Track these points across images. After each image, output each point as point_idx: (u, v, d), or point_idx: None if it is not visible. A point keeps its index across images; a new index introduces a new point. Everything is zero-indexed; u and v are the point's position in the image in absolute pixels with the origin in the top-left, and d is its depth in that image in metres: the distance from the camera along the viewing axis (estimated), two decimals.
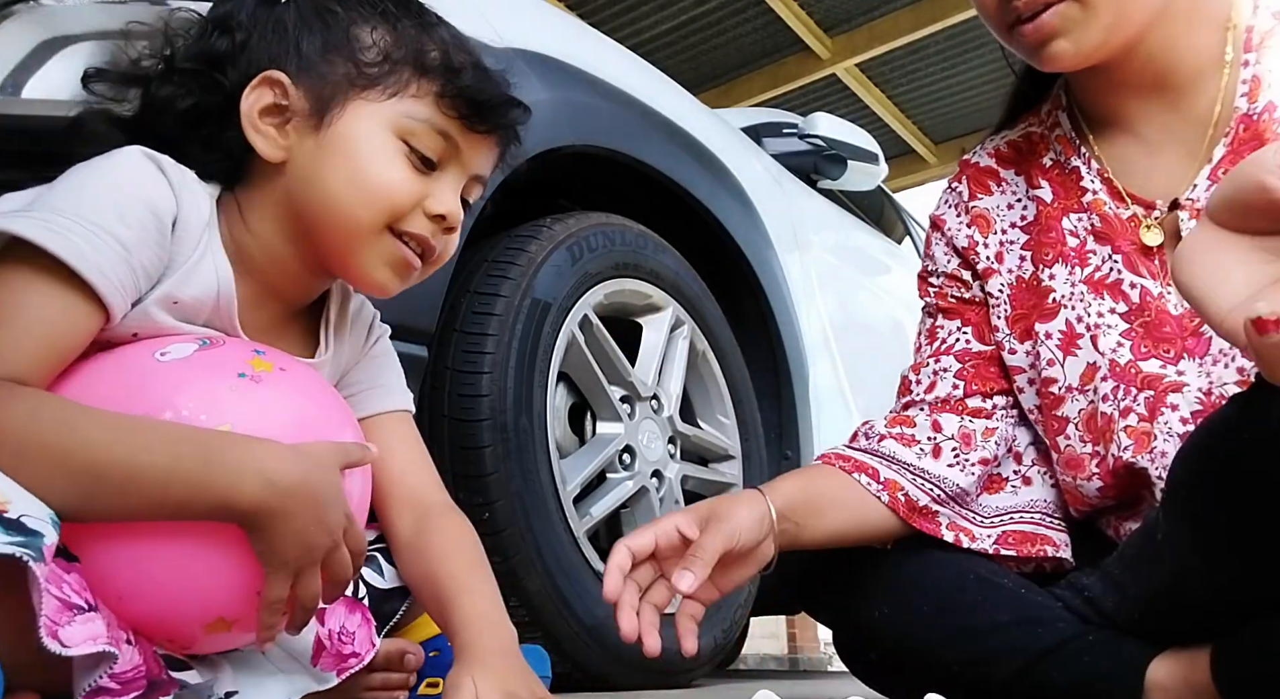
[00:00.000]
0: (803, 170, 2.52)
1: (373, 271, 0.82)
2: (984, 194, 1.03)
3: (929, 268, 1.07)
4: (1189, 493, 0.75)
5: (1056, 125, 0.99)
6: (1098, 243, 0.94)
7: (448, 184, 0.83)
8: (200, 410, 0.68)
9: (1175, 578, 0.79)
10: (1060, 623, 0.88)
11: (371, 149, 0.79)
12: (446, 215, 0.82)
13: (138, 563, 0.67)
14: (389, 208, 0.79)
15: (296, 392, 0.77)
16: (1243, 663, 0.75)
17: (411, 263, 0.82)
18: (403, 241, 0.81)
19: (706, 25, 5.57)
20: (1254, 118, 0.87)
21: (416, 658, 0.91)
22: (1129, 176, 0.94)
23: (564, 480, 1.40)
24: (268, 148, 0.80)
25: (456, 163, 0.83)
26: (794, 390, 1.99)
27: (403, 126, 0.80)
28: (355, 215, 0.79)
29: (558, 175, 1.60)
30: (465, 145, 0.83)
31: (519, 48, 1.46)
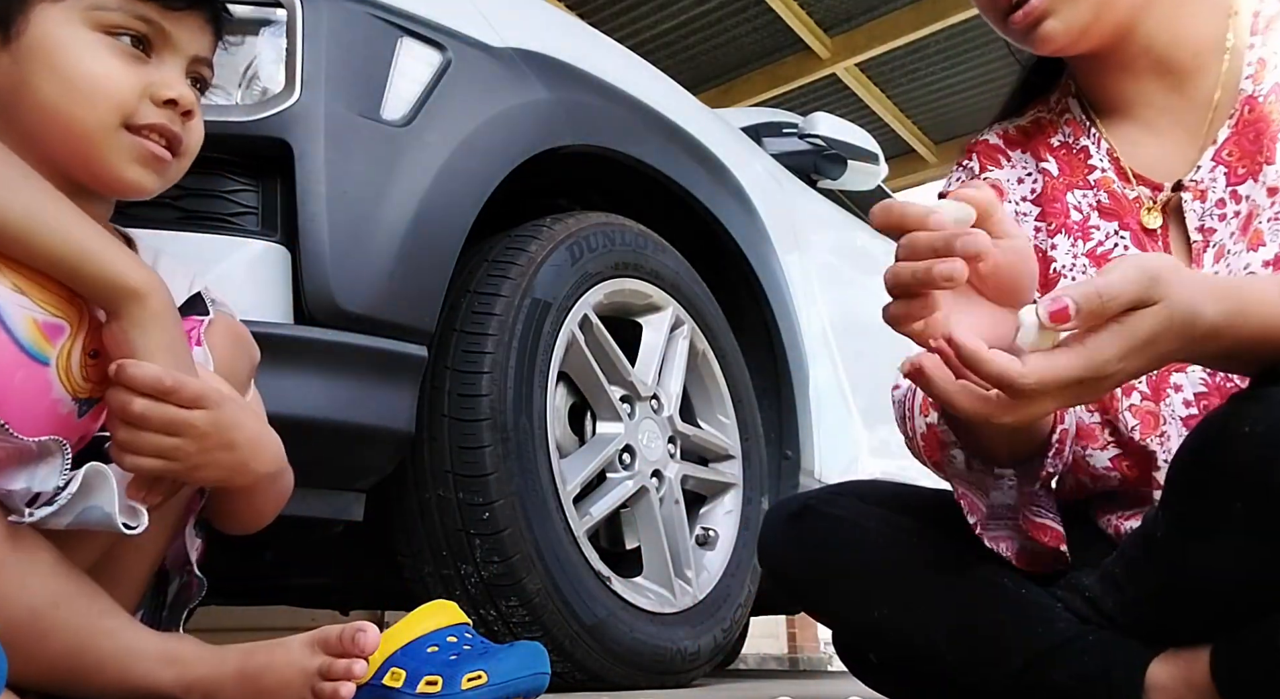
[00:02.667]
0: (803, 170, 2.52)
1: (122, 173, 0.79)
2: (995, 167, 1.03)
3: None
4: (1189, 492, 0.75)
5: (1066, 111, 1.01)
6: (1103, 218, 0.95)
7: (168, 69, 0.80)
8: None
9: (1175, 578, 0.79)
10: (1060, 623, 0.88)
11: (74, 49, 0.77)
12: (178, 99, 0.80)
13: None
14: (112, 103, 0.77)
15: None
16: (1243, 663, 0.75)
17: (160, 155, 0.80)
18: (143, 136, 0.79)
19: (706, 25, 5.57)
20: (1259, 99, 0.88)
21: (368, 637, 0.80)
22: (1136, 159, 0.95)
23: (564, 480, 1.40)
24: None
25: (169, 46, 0.81)
26: (794, 390, 1.99)
27: (97, 19, 0.77)
28: (80, 120, 0.77)
29: (558, 175, 1.60)
30: (171, 26, 0.81)
31: (519, 48, 1.46)
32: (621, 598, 1.44)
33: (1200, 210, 0.89)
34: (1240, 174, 0.88)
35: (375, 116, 1.22)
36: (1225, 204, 0.88)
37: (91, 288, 0.72)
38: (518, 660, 0.96)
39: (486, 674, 0.93)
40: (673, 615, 1.53)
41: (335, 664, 0.79)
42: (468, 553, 1.30)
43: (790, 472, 1.97)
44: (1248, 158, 0.87)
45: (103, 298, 0.72)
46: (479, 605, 1.32)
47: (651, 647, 1.45)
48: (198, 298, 0.89)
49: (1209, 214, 0.89)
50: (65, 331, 0.73)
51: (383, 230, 1.20)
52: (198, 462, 0.74)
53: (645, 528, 1.57)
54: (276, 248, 1.13)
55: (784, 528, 1.02)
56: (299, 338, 1.12)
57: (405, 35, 1.28)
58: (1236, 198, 0.87)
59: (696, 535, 1.73)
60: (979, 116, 6.34)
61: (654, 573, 1.56)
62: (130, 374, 0.69)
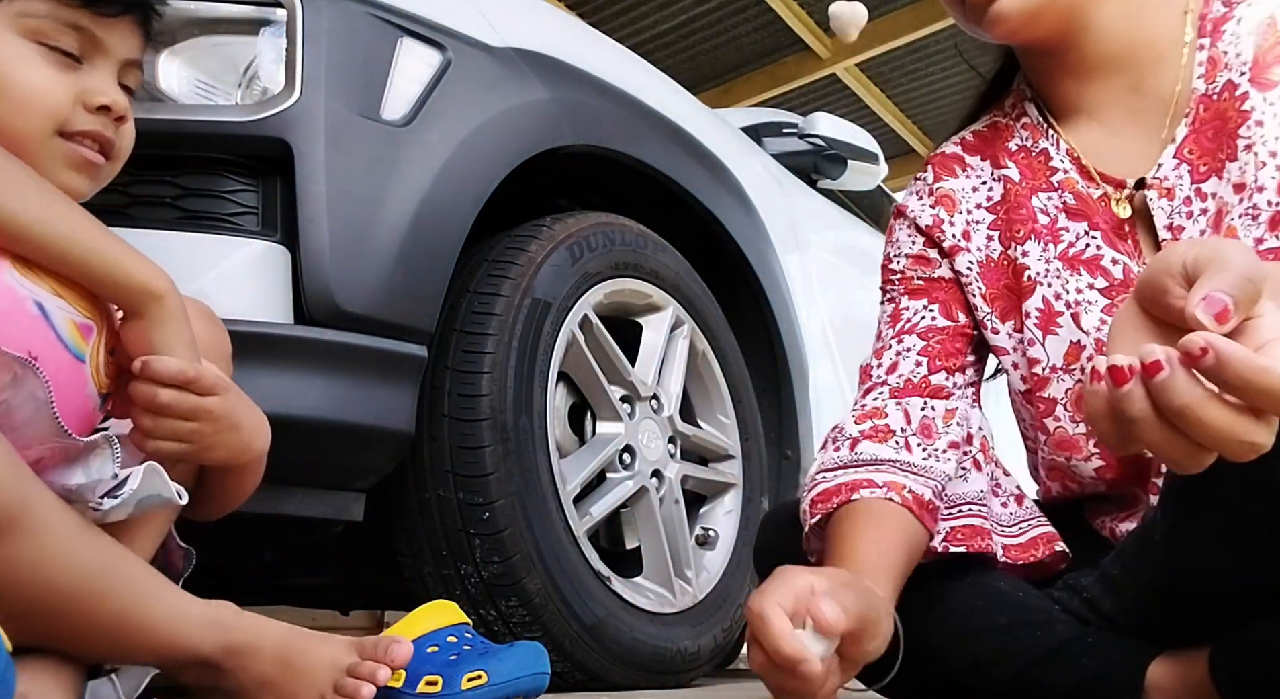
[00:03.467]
0: (803, 170, 2.52)
1: (57, 178, 0.80)
2: (949, 177, 1.03)
3: (890, 254, 1.06)
4: (1187, 493, 0.75)
5: (1023, 114, 1.00)
6: (1071, 219, 0.94)
7: (100, 75, 0.81)
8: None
9: (1174, 579, 0.79)
10: (1059, 625, 0.88)
11: (5, 58, 0.77)
12: (111, 106, 0.80)
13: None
14: (44, 112, 0.78)
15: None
16: (1242, 663, 0.75)
17: (94, 161, 0.81)
18: (76, 142, 0.79)
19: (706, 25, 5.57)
20: (1213, 98, 0.88)
21: (402, 649, 0.85)
22: (1097, 158, 0.94)
23: (564, 480, 1.40)
24: None
25: (100, 52, 0.81)
26: (794, 390, 1.99)
27: (28, 27, 0.77)
28: (14, 128, 0.77)
29: (558, 175, 1.60)
30: (102, 32, 0.80)
31: (519, 48, 1.46)
32: (621, 598, 1.44)
33: (1169, 208, 0.89)
34: (1203, 171, 0.88)
35: (375, 116, 1.22)
36: (1192, 202, 0.88)
37: (115, 291, 0.74)
38: (518, 660, 0.96)
39: (486, 674, 0.93)
40: (673, 615, 1.53)
41: (362, 665, 0.84)
42: (468, 553, 1.30)
43: (790, 472, 1.97)
44: (1208, 155, 0.88)
45: (125, 300, 0.75)
46: (479, 605, 1.32)
47: (651, 647, 1.45)
48: None
49: (1177, 212, 0.89)
50: (94, 331, 0.75)
51: (383, 230, 1.20)
52: (210, 442, 0.79)
53: (645, 528, 1.57)
54: (276, 248, 1.13)
55: (779, 534, 1.02)
56: (299, 338, 1.12)
57: (405, 35, 1.28)
58: (1202, 195, 0.88)
59: (696, 535, 1.73)
60: None
61: (654, 573, 1.56)
62: (157, 369, 0.74)
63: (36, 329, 0.71)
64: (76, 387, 0.75)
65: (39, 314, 0.71)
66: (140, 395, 0.75)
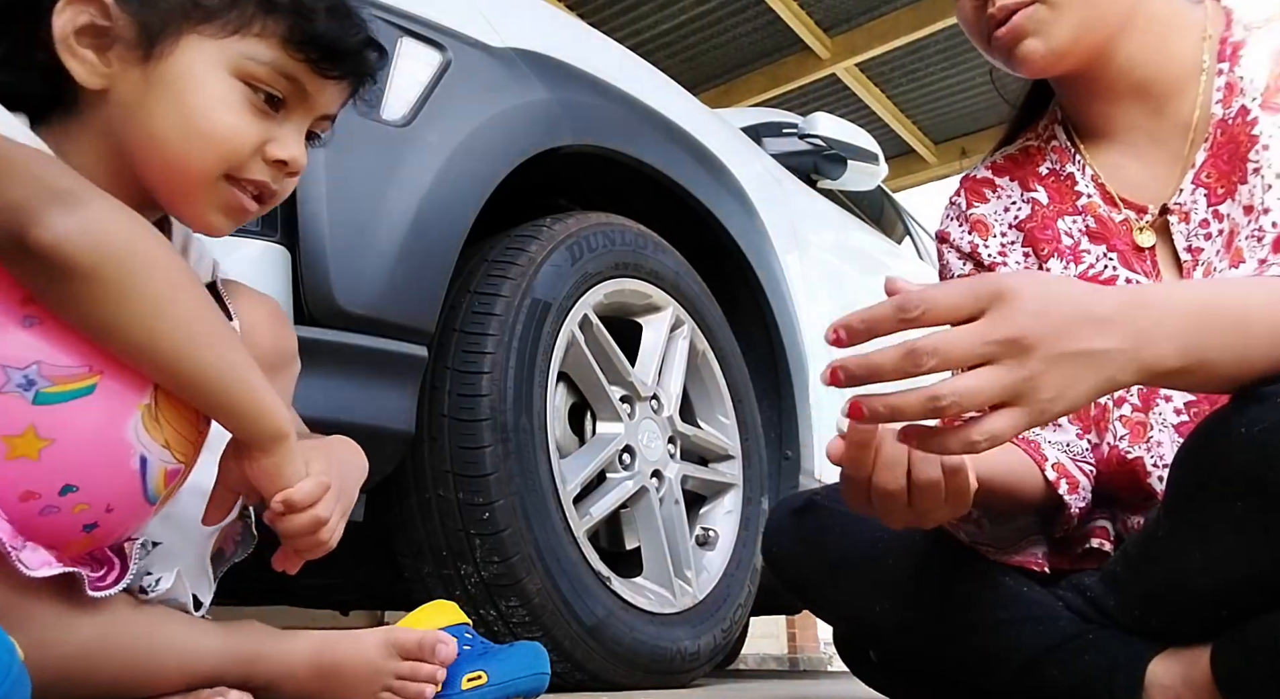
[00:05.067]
0: (803, 170, 2.52)
1: (205, 217, 0.78)
2: (980, 202, 1.06)
3: (948, 276, 1.09)
4: (1190, 491, 0.75)
5: (1053, 137, 1.03)
6: (1092, 242, 0.96)
7: (292, 128, 0.78)
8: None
9: (1176, 576, 0.79)
10: (1061, 621, 0.88)
11: (207, 93, 0.73)
12: (289, 161, 0.78)
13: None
14: (224, 156, 0.75)
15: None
16: (1244, 662, 0.75)
17: (247, 208, 0.78)
18: (239, 187, 0.77)
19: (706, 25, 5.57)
20: (1229, 122, 0.90)
21: (448, 649, 0.91)
22: (1121, 183, 0.97)
23: (564, 480, 1.40)
24: (85, 74, 0.73)
25: (303, 105, 0.78)
26: (794, 390, 1.99)
27: (243, 69, 0.74)
28: (187, 163, 0.75)
29: (558, 175, 1.60)
30: (314, 88, 0.78)
31: (519, 48, 1.46)
32: (621, 598, 1.44)
33: (1186, 231, 0.91)
34: (1219, 194, 0.90)
35: (375, 117, 1.22)
36: (1209, 224, 0.90)
37: (246, 432, 0.73)
38: (518, 660, 0.97)
39: (487, 674, 0.93)
40: (673, 615, 1.53)
41: (421, 668, 0.88)
42: (468, 553, 1.30)
43: (790, 472, 1.97)
44: (1224, 178, 0.90)
45: (253, 439, 0.74)
46: (479, 605, 1.32)
47: (651, 647, 1.45)
48: (214, 294, 0.87)
49: (1195, 234, 0.91)
50: (180, 474, 0.75)
51: (383, 230, 1.20)
52: (336, 524, 0.80)
53: (645, 528, 1.57)
54: (276, 248, 1.13)
55: (788, 523, 1.02)
56: (299, 338, 1.12)
57: (405, 35, 1.28)
58: (1219, 217, 0.90)
59: (696, 535, 1.73)
60: (979, 116, 6.35)
61: (654, 573, 1.56)
62: (295, 501, 0.75)
63: (127, 483, 0.70)
64: (136, 521, 0.75)
65: (138, 469, 0.70)
66: (289, 527, 0.76)
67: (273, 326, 0.87)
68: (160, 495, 0.74)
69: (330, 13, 0.76)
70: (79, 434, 0.68)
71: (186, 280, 0.70)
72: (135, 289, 0.66)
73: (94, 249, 0.64)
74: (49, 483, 0.67)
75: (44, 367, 0.66)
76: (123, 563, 0.75)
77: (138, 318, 0.66)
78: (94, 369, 0.68)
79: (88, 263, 0.63)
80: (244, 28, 0.74)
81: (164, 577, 0.79)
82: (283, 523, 0.76)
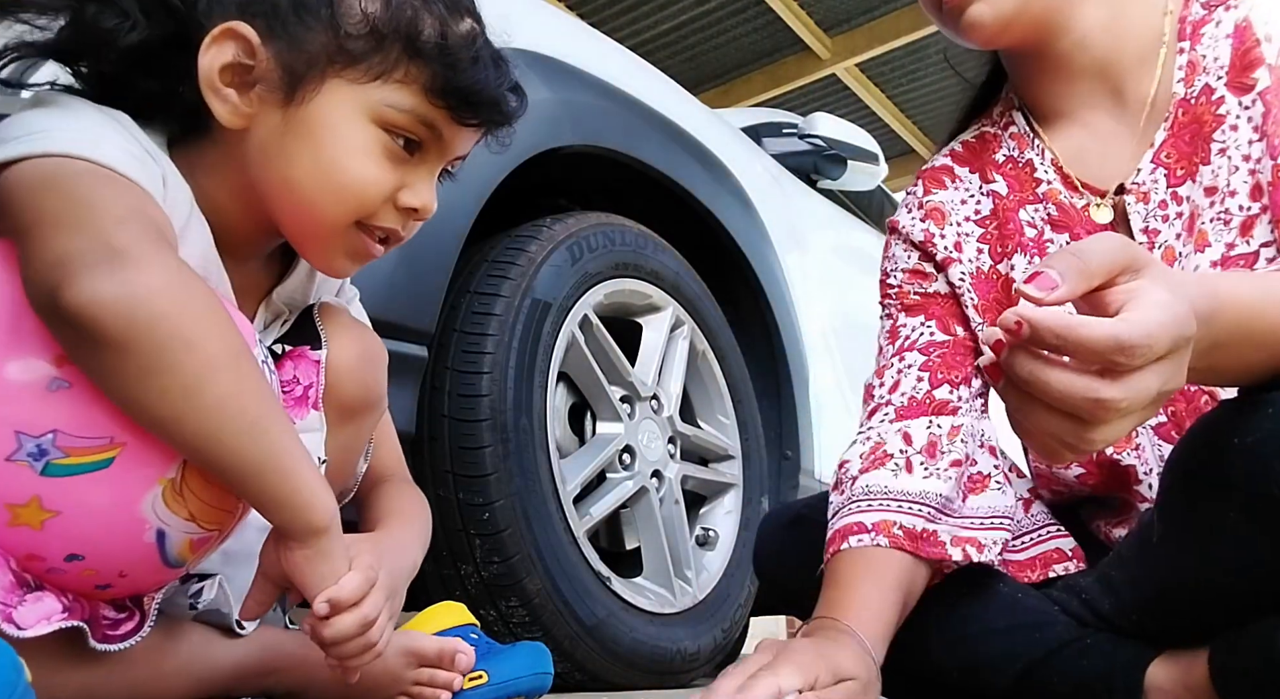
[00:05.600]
0: (803, 170, 2.52)
1: (333, 261, 0.77)
2: (938, 189, 1.03)
3: (887, 269, 1.06)
4: (1183, 497, 0.75)
5: (1011, 123, 1.00)
6: (1055, 232, 0.94)
7: (425, 174, 0.76)
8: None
9: (1172, 580, 0.79)
10: (1057, 626, 0.88)
11: (347, 140, 0.72)
12: (420, 209, 0.76)
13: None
14: (360, 206, 0.74)
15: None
16: (1241, 664, 0.75)
17: (373, 252, 0.77)
18: (368, 233, 0.76)
19: (706, 25, 5.57)
20: (1190, 102, 0.88)
21: (468, 658, 0.91)
22: (1082, 165, 0.94)
23: (564, 480, 1.40)
24: (227, 114, 0.72)
25: (438, 151, 0.76)
26: (794, 390, 1.99)
27: (383, 116, 0.73)
28: (322, 210, 0.73)
29: (558, 175, 1.60)
30: (450, 135, 0.76)
31: (519, 48, 1.46)
32: (621, 598, 1.44)
33: (1144, 212, 0.89)
34: (1179, 175, 0.87)
35: None
36: (1167, 205, 0.88)
37: (288, 526, 0.68)
38: (520, 660, 0.97)
39: (488, 674, 0.94)
40: (673, 616, 1.54)
41: (439, 675, 0.89)
42: (468, 553, 1.30)
43: (790, 472, 1.97)
44: (1185, 159, 0.87)
45: (290, 530, 0.68)
46: (479, 605, 1.32)
47: (651, 647, 1.45)
48: (308, 319, 0.84)
49: (1152, 216, 0.88)
50: (210, 542, 0.71)
51: None
52: (385, 625, 0.73)
53: (645, 528, 1.57)
54: None
55: (779, 535, 1.02)
56: None
57: None
58: (1178, 199, 0.87)
59: (696, 535, 1.73)
60: None
61: (654, 573, 1.56)
62: (339, 600, 0.69)
63: (141, 554, 0.66)
64: (157, 582, 0.72)
65: (153, 541, 0.66)
66: (333, 635, 0.70)
67: (361, 369, 0.83)
68: (186, 561, 0.70)
69: (474, 62, 0.75)
70: (87, 509, 0.64)
71: (229, 358, 0.63)
72: (164, 365, 0.60)
73: (126, 317, 0.59)
74: (52, 551, 0.64)
75: (60, 436, 0.62)
76: (141, 614, 0.71)
77: (165, 396, 0.61)
78: (115, 442, 0.63)
79: (115, 332, 0.59)
80: (387, 74, 0.72)
81: (206, 586, 0.76)
82: (327, 630, 0.69)
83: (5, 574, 0.62)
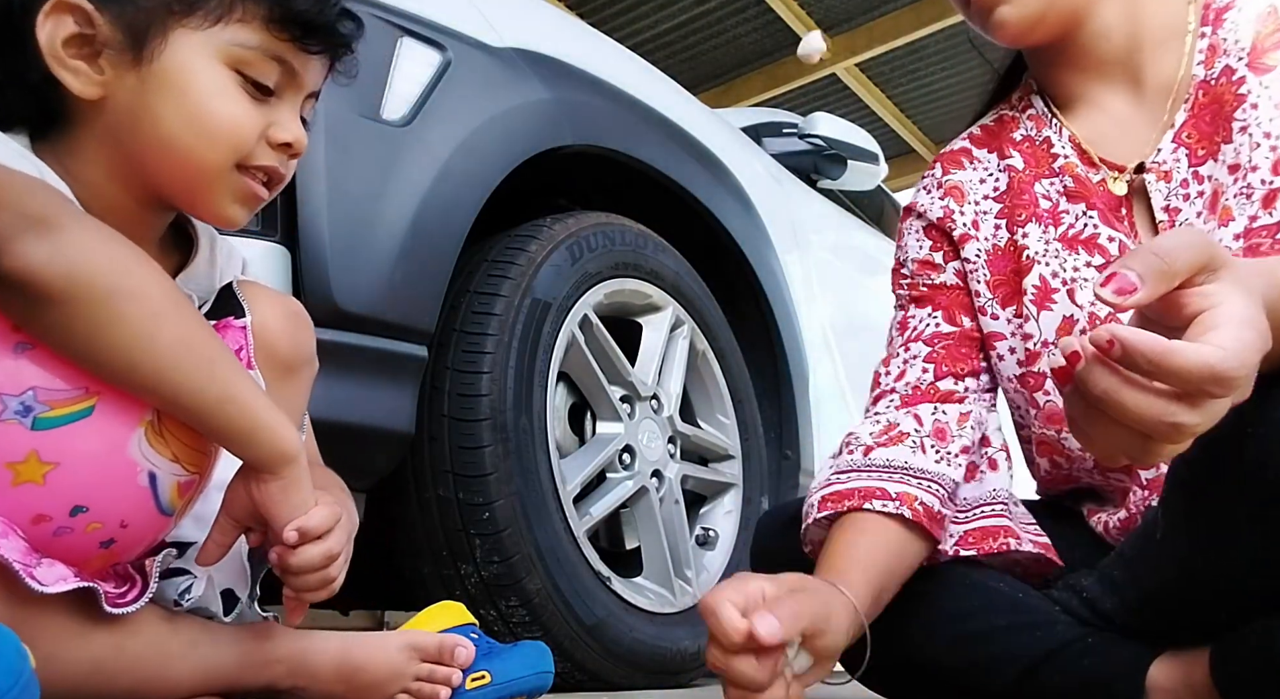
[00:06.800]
0: (803, 170, 2.52)
1: (223, 210, 0.78)
2: (957, 169, 1.05)
3: (900, 258, 1.08)
4: (1190, 493, 0.75)
5: (1029, 106, 1.02)
6: (1070, 202, 0.96)
7: (288, 110, 0.79)
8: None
9: (1175, 578, 0.79)
10: (1059, 626, 0.88)
11: (207, 85, 0.74)
12: (293, 143, 0.79)
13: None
14: (235, 146, 0.76)
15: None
16: (1243, 664, 0.75)
17: (259, 194, 0.79)
18: (249, 175, 0.78)
19: (706, 25, 5.58)
20: (1211, 83, 0.90)
21: (468, 653, 0.93)
22: (1100, 144, 0.96)
23: (564, 480, 1.40)
24: (80, 84, 0.73)
25: (293, 86, 0.79)
26: (794, 390, 1.99)
27: (234, 56, 0.75)
28: (200, 157, 0.75)
29: (558, 175, 1.60)
30: (300, 66, 0.78)
31: (519, 48, 1.46)
32: (621, 598, 1.44)
33: (1166, 190, 0.91)
34: (1200, 155, 0.89)
35: (375, 116, 1.22)
36: (1189, 184, 0.90)
37: (252, 456, 0.72)
38: (521, 660, 0.97)
39: (490, 674, 0.94)
40: (673, 615, 1.53)
41: (438, 670, 0.90)
42: (468, 553, 1.30)
43: (790, 472, 1.97)
44: (1206, 139, 0.89)
45: (267, 464, 0.72)
46: (479, 605, 1.32)
47: (651, 647, 1.45)
48: (229, 294, 0.85)
49: (1174, 194, 0.90)
50: (195, 485, 0.75)
51: (383, 230, 1.20)
52: (345, 563, 0.80)
53: (645, 528, 1.57)
54: (276, 248, 1.13)
55: (777, 537, 1.02)
56: None
57: (405, 35, 1.28)
58: (1199, 178, 0.89)
59: (696, 535, 1.73)
60: None
61: (654, 573, 1.56)
62: (309, 528, 0.74)
63: (138, 500, 0.70)
64: (154, 533, 0.75)
65: (147, 485, 0.70)
66: (300, 562, 0.75)
67: (289, 328, 0.85)
68: (175, 507, 0.74)
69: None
70: (82, 456, 0.67)
71: (170, 305, 0.68)
72: (112, 316, 0.65)
73: (66, 276, 0.63)
74: (58, 506, 0.67)
75: (40, 392, 0.66)
76: (144, 580, 0.74)
77: (118, 345, 0.66)
78: (90, 391, 0.67)
79: (60, 290, 0.63)
80: (226, 14, 0.74)
81: (194, 584, 0.79)
82: (294, 557, 0.74)
83: (18, 540, 0.65)
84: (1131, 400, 0.56)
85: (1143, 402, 0.56)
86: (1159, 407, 0.55)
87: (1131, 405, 0.56)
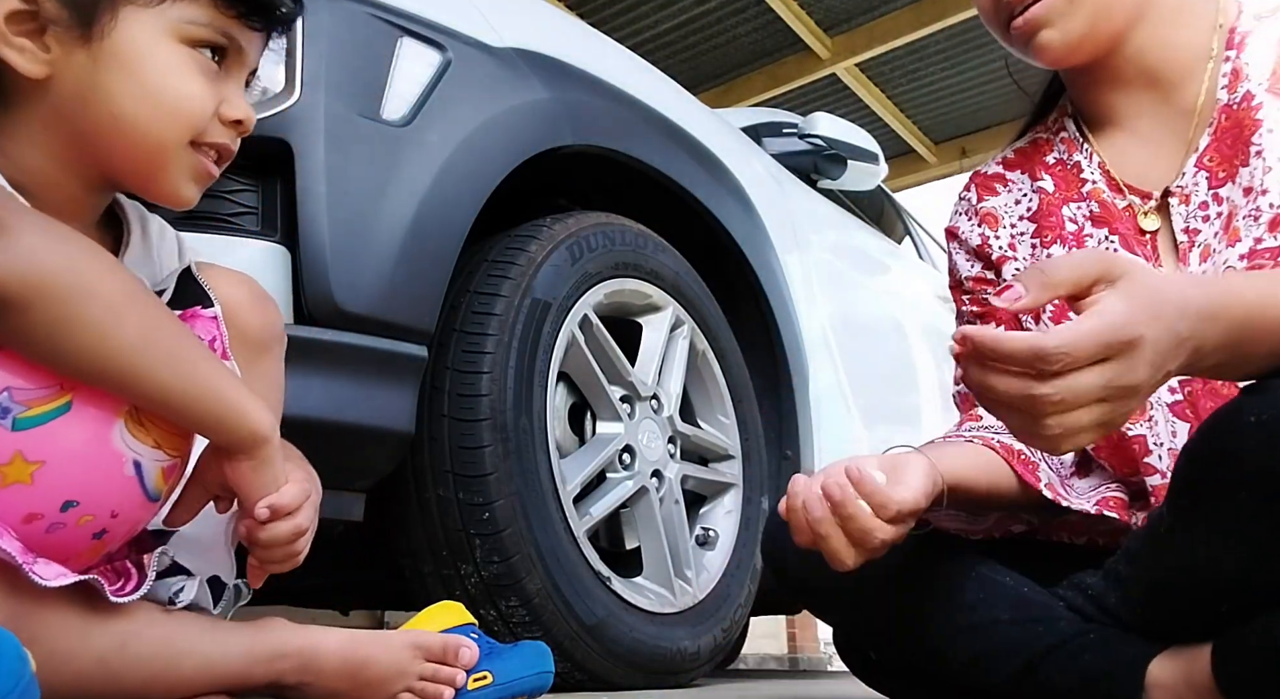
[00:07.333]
0: (803, 170, 2.52)
1: (178, 189, 0.79)
2: (990, 196, 1.08)
3: (956, 278, 1.12)
4: (1195, 483, 0.75)
5: (1062, 129, 1.05)
6: (1095, 227, 0.99)
7: (235, 87, 0.79)
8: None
9: (1180, 573, 0.79)
10: (1061, 621, 0.88)
11: (163, 62, 0.74)
12: (244, 120, 0.79)
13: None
14: (192, 124, 0.76)
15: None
16: (1244, 661, 0.75)
17: (212, 173, 0.80)
18: (202, 153, 0.78)
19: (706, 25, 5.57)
20: (1234, 107, 0.92)
21: (471, 652, 0.93)
22: (1127, 169, 0.99)
23: (564, 480, 1.40)
24: (26, 63, 0.71)
25: (238, 63, 0.80)
26: (794, 390, 1.99)
27: (185, 33, 0.75)
28: (156, 135, 0.75)
29: (557, 175, 1.60)
30: (245, 42, 0.79)
31: (519, 48, 1.46)
32: (621, 598, 1.44)
33: (1185, 213, 0.93)
34: (1220, 178, 0.92)
35: (375, 116, 1.22)
36: (1208, 206, 0.92)
37: (225, 439, 0.74)
38: (522, 660, 0.97)
39: (492, 675, 0.94)
40: (673, 615, 1.53)
41: (442, 670, 0.91)
42: (468, 553, 1.30)
43: (790, 471, 1.97)
44: (1226, 162, 0.91)
45: (232, 444, 0.74)
46: (479, 605, 1.32)
47: (651, 647, 1.45)
48: (189, 280, 0.85)
49: (1193, 216, 0.92)
50: (178, 470, 0.75)
51: (383, 230, 1.20)
52: (311, 537, 0.81)
53: (645, 528, 1.57)
54: (276, 248, 1.13)
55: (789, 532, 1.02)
56: (299, 338, 1.12)
57: (405, 35, 1.28)
58: (1219, 200, 0.91)
59: (696, 535, 1.73)
60: (979, 116, 6.35)
61: (654, 573, 1.56)
62: (280, 506, 0.76)
63: (126, 489, 0.71)
64: (143, 519, 0.76)
65: (133, 474, 0.71)
66: (270, 536, 0.77)
67: (255, 306, 0.86)
68: (162, 493, 0.74)
69: None
70: (68, 452, 0.68)
71: (127, 300, 0.68)
72: (72, 317, 0.65)
73: (21, 280, 0.63)
74: (48, 502, 0.67)
75: (15, 392, 0.66)
76: (140, 573, 0.75)
77: (80, 346, 0.66)
78: (64, 387, 0.67)
79: (14, 295, 0.63)
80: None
81: (187, 586, 0.79)
82: (264, 532, 0.76)
83: (13, 540, 0.66)
84: (994, 382, 0.67)
85: (1001, 382, 0.67)
86: (1016, 384, 0.66)
87: (999, 387, 0.67)
